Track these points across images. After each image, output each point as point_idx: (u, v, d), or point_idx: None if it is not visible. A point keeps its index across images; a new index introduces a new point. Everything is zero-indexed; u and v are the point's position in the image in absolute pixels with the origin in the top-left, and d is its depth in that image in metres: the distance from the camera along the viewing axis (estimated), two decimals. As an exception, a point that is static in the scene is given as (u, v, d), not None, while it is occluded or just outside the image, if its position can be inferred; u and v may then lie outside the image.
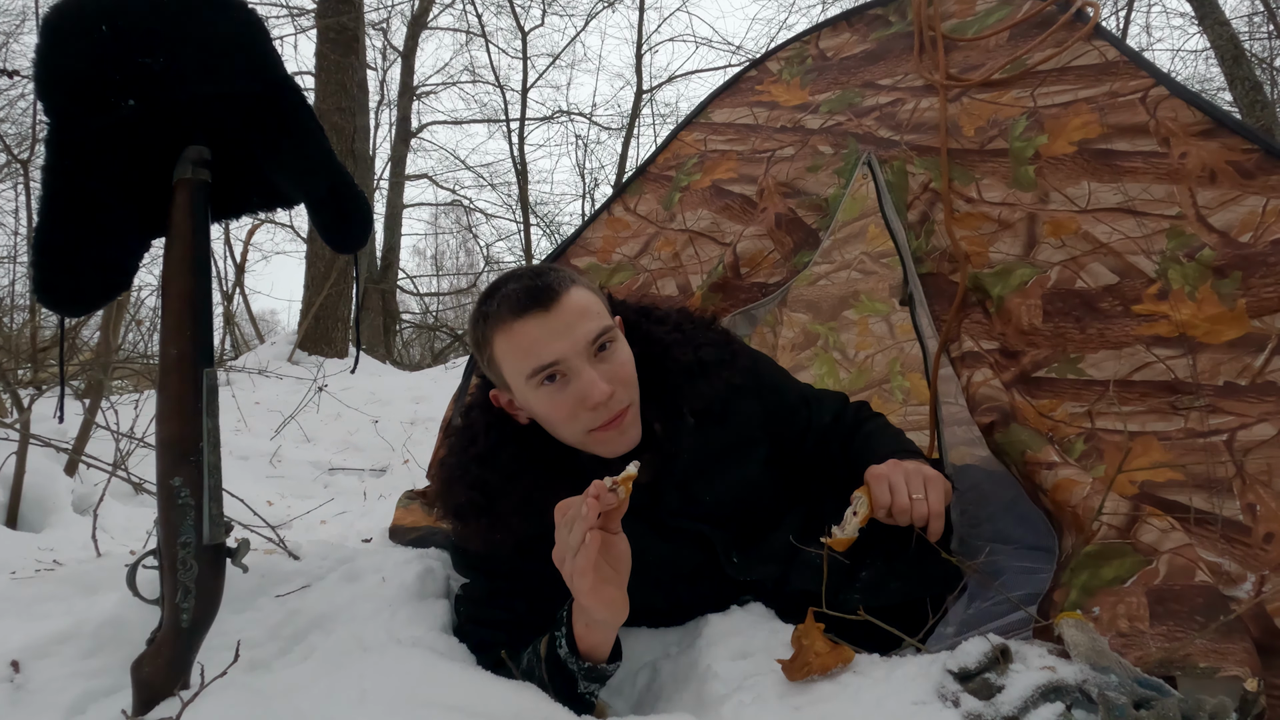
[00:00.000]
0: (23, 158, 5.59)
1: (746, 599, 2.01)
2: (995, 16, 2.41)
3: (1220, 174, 1.89)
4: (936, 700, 1.42)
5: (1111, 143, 2.03)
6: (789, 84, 2.81)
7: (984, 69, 2.30)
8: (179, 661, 1.70)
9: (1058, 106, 2.13)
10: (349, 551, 2.52)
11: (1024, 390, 2.01)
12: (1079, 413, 1.92)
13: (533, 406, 1.85)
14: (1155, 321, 1.88)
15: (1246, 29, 15.10)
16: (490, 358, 1.86)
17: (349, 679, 1.68)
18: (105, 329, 5.19)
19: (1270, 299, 1.77)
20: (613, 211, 2.92)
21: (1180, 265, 1.87)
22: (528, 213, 19.07)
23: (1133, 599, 1.61)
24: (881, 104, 2.47)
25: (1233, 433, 1.75)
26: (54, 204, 1.73)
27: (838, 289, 3.84)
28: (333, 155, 1.95)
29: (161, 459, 1.70)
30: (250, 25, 1.83)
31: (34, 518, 3.73)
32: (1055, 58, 2.20)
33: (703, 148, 2.86)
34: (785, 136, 2.65)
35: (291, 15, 13.68)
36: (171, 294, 1.74)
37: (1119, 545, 1.69)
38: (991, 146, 2.19)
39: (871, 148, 2.38)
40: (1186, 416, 1.80)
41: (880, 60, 2.62)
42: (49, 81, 1.71)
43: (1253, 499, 1.69)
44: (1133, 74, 2.09)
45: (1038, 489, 1.88)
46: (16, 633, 1.97)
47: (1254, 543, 1.66)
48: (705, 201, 2.72)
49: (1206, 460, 1.75)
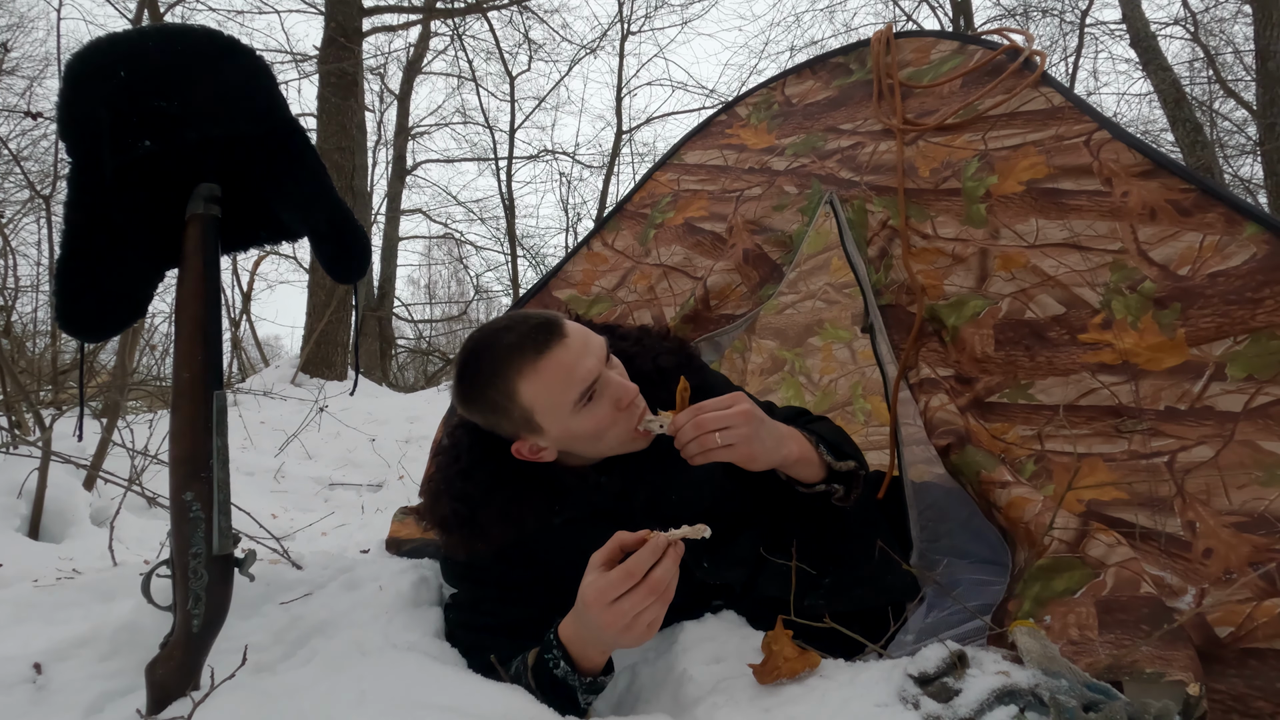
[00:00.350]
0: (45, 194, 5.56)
1: (719, 605, 2.00)
2: (949, 65, 2.43)
3: (1160, 211, 1.91)
4: (898, 703, 1.42)
5: (1058, 182, 2.05)
6: (756, 128, 2.82)
7: (938, 114, 2.31)
8: (190, 664, 1.71)
9: (1007, 149, 2.15)
10: (348, 561, 2.51)
11: (978, 415, 2.02)
12: (1029, 435, 1.93)
13: (577, 431, 1.79)
14: (1100, 350, 1.88)
15: (1188, 74, 15.28)
16: (517, 409, 1.77)
17: (349, 681, 1.68)
18: (121, 353, 5.17)
19: (1207, 329, 1.78)
20: (592, 246, 2.93)
21: (1123, 296, 1.88)
22: (515, 245, 19.05)
23: (1082, 609, 1.62)
24: (843, 147, 2.48)
25: (1173, 454, 1.76)
26: (75, 238, 1.74)
27: (803, 317, 3.86)
28: (334, 191, 1.96)
29: (174, 475, 1.71)
30: (258, 71, 1.84)
31: (55, 529, 3.73)
32: (1005, 103, 2.21)
33: (676, 187, 2.88)
34: (753, 177, 2.67)
35: (295, 61, 13.69)
36: (184, 321, 1.74)
37: (1069, 559, 1.70)
38: (945, 186, 2.20)
39: (834, 188, 2.39)
40: (1130, 439, 1.80)
41: (842, 106, 2.63)
42: (71, 123, 1.73)
43: (1193, 516, 1.69)
44: (1077, 118, 2.10)
45: (992, 506, 1.88)
46: (39, 637, 1.97)
47: (1194, 558, 1.66)
48: (678, 238, 2.73)
49: (1149, 480, 1.76)
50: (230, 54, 1.81)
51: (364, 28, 12.02)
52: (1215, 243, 1.82)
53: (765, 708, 1.54)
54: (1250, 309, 1.75)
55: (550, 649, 1.69)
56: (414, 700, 1.60)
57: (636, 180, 3.04)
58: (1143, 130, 16.77)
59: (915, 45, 2.55)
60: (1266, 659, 1.51)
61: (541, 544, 1.93)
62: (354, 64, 10.90)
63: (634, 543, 1.55)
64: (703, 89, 25.96)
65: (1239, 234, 1.81)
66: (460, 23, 17.39)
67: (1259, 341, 1.73)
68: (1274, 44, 11.18)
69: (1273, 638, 1.51)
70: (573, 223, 21.09)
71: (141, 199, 1.77)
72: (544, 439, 1.81)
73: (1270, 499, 1.63)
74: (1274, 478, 1.64)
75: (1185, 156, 11.18)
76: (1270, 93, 11.25)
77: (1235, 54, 14.72)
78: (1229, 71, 14.73)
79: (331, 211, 1.95)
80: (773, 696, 1.57)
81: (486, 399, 1.80)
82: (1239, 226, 1.81)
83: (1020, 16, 16.80)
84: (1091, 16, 15.98)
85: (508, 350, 1.75)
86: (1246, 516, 1.65)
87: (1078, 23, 16.05)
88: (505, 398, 1.76)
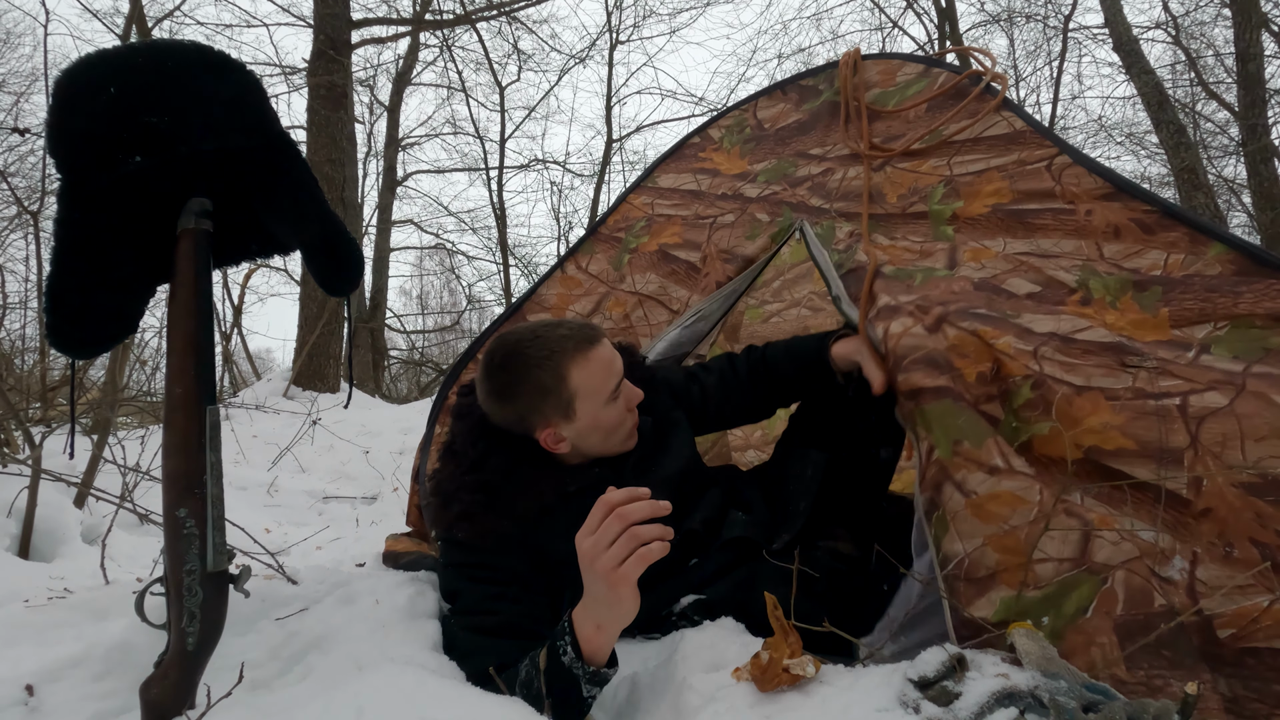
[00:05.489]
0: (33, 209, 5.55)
1: (720, 616, 2.02)
2: (915, 88, 2.45)
3: (1124, 229, 1.91)
4: (899, 707, 1.42)
5: (1022, 204, 2.07)
6: (729, 152, 2.85)
7: (905, 139, 2.34)
8: (185, 683, 1.69)
9: (971, 174, 2.17)
10: (344, 576, 2.51)
11: (960, 319, 1.90)
12: (1024, 350, 1.80)
13: (602, 421, 2.05)
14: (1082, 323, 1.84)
15: (1170, 77, 15.39)
16: (566, 392, 1.99)
17: (346, 696, 1.66)
18: (112, 369, 5.16)
19: (1190, 311, 1.75)
20: (566, 269, 2.97)
21: (1100, 278, 1.87)
22: (507, 255, 19.07)
23: (1103, 639, 1.55)
24: (813, 174, 2.52)
25: (1184, 397, 1.63)
26: (65, 254, 1.73)
27: (789, 325, 3.93)
28: (326, 204, 1.96)
29: (168, 491, 1.69)
30: (248, 86, 1.84)
31: (45, 548, 3.69)
32: (969, 128, 2.24)
33: (650, 211, 2.91)
34: (726, 204, 2.70)
35: (285, 74, 13.69)
36: (176, 336, 1.73)
37: (1074, 577, 1.61)
38: (913, 210, 2.23)
39: (804, 215, 2.43)
40: (1135, 375, 1.70)
41: (811, 130, 2.66)
42: (61, 139, 1.71)
43: (1202, 471, 1.57)
44: (1039, 143, 2.13)
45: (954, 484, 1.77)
46: (30, 658, 1.95)
47: (1189, 514, 1.57)
48: (653, 265, 2.77)
49: (1160, 425, 1.63)
50: (220, 69, 1.80)
51: (353, 40, 11.98)
52: (1181, 260, 1.82)
53: (766, 715, 1.54)
54: (1232, 298, 1.72)
55: (562, 635, 1.71)
56: (412, 715, 1.59)
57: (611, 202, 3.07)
58: (1126, 133, 16.87)
59: (881, 67, 2.58)
60: (1264, 658, 1.49)
61: (545, 532, 2.02)
62: (343, 76, 10.89)
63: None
64: (692, 97, 26.18)
65: (1204, 253, 1.80)
66: (449, 34, 17.40)
67: (1240, 329, 1.69)
68: (1254, 46, 11.27)
69: (1273, 637, 1.48)
70: (564, 231, 21.13)
71: (132, 214, 1.76)
72: (569, 428, 2.04)
73: (1290, 460, 1.54)
74: None
75: (1170, 158, 11.24)
76: (1251, 94, 11.34)
77: (1216, 57, 14.80)
78: (1211, 74, 14.81)
79: (323, 224, 1.94)
80: (773, 703, 1.56)
81: (534, 381, 1.99)
82: (1203, 246, 1.81)
83: (1005, 22, 16.90)
84: (1074, 21, 16.14)
85: (562, 340, 2.00)
86: (1260, 478, 1.53)
87: (1061, 28, 16.17)
88: (556, 380, 1.98)
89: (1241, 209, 15.94)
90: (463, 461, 2.08)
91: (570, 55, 19.29)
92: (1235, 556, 1.53)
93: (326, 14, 11.11)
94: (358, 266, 2.03)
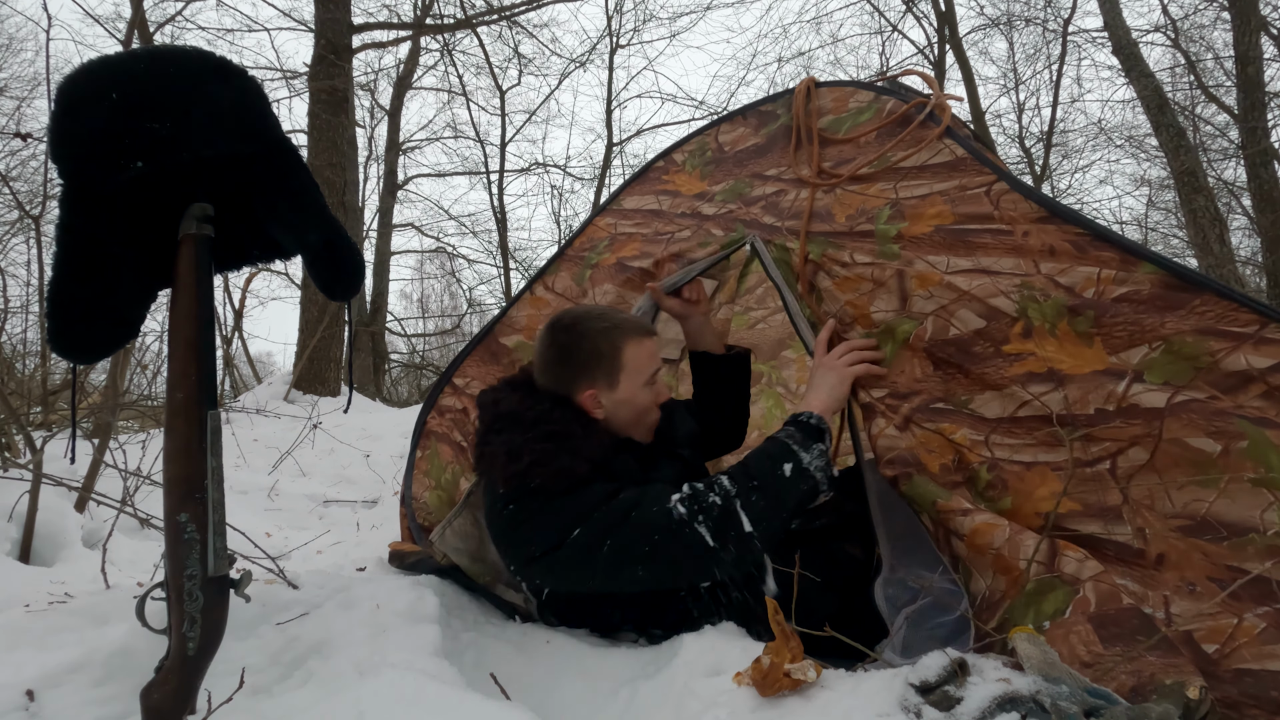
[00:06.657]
0: (34, 214, 5.55)
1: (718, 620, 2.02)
2: (865, 115, 2.51)
3: (1059, 249, 1.98)
4: (900, 712, 1.42)
5: (964, 225, 2.14)
6: (691, 174, 2.93)
7: (854, 164, 2.41)
8: (186, 688, 1.68)
9: (916, 198, 2.25)
10: (344, 580, 2.50)
11: (923, 419, 2.15)
12: (978, 440, 2.06)
13: (637, 401, 2.39)
14: (1025, 359, 1.98)
15: (1169, 80, 15.42)
16: (617, 362, 2.35)
17: (346, 702, 1.66)
18: (113, 373, 5.13)
19: (1121, 338, 1.86)
20: (535, 291, 3.08)
21: (1038, 304, 1.97)
22: (507, 258, 19.11)
23: (1080, 628, 1.71)
24: (767, 194, 2.61)
25: (1113, 459, 1.85)
26: (67, 259, 1.73)
27: (774, 331, 4.01)
28: (327, 209, 1.95)
29: (169, 496, 1.69)
30: (249, 92, 1.84)
31: (46, 553, 3.69)
32: (914, 155, 2.30)
33: (613, 231, 3.00)
34: (684, 221, 2.79)
35: (286, 79, 13.70)
36: (177, 341, 1.73)
37: (1050, 579, 1.81)
38: (860, 229, 2.31)
39: (757, 231, 2.54)
40: (1070, 446, 1.89)
41: (768, 153, 2.72)
42: (63, 145, 1.72)
43: (1142, 523, 1.79)
44: (978, 170, 2.19)
45: (952, 534, 2.04)
46: (31, 663, 1.95)
47: (1148, 564, 1.76)
48: (610, 276, 2.89)
49: (1097, 489, 1.86)
50: (222, 74, 1.81)
51: (354, 44, 11.99)
52: (1113, 276, 1.90)
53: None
54: (1159, 318, 1.82)
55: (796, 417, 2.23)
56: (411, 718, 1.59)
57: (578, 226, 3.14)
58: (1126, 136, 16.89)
59: (835, 94, 2.64)
60: (1260, 677, 1.57)
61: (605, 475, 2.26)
62: (344, 80, 10.90)
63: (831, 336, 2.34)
64: (692, 100, 26.02)
65: (1134, 271, 1.88)
66: (450, 38, 17.44)
67: (1171, 350, 1.79)
68: (1253, 50, 11.27)
69: (1262, 658, 1.57)
70: (565, 235, 21.11)
71: (134, 220, 1.75)
72: (609, 396, 2.37)
73: (1209, 501, 1.72)
74: (1209, 480, 1.71)
75: (1169, 160, 11.26)
76: (1251, 97, 11.34)
77: (1215, 60, 14.84)
78: (1210, 77, 14.87)
79: (324, 229, 1.94)
80: (775, 709, 1.56)
81: (592, 344, 2.34)
82: (1134, 265, 1.89)
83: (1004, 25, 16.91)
84: (1074, 25, 16.18)
85: (624, 321, 2.41)
86: (1190, 519, 1.74)
87: (1060, 31, 16.19)
88: (612, 349, 2.35)
89: (1241, 211, 15.98)
90: (524, 418, 2.28)
91: (571, 59, 19.24)
92: (1199, 592, 1.70)
93: (327, 19, 11.14)
94: (358, 271, 2.02)
